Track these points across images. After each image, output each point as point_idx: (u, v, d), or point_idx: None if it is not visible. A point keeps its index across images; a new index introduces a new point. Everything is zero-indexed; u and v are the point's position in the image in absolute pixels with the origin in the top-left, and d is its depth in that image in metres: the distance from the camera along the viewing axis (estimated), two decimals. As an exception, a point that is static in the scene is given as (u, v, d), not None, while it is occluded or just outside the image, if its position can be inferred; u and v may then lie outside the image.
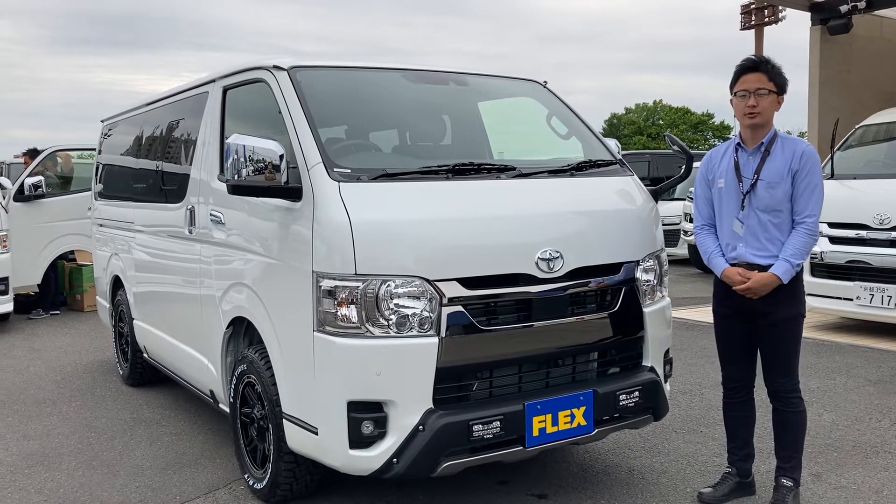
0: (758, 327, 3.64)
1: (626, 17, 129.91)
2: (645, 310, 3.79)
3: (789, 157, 3.52)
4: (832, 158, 8.01)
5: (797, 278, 3.59)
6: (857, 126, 8.56)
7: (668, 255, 4.14)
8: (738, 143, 3.67)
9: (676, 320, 7.58)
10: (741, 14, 51.82)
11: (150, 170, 5.67)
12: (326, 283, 3.23)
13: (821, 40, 12.10)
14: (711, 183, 3.75)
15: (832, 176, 7.88)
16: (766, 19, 50.46)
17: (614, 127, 64.25)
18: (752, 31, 51.15)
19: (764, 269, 3.53)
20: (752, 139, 3.61)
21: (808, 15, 12.37)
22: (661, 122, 64.27)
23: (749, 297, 3.56)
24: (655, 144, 54.17)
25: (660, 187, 4.35)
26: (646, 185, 4.20)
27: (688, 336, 7.67)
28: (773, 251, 3.54)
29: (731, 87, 3.61)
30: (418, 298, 3.24)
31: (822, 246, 7.59)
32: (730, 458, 3.88)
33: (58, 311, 9.95)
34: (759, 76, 3.52)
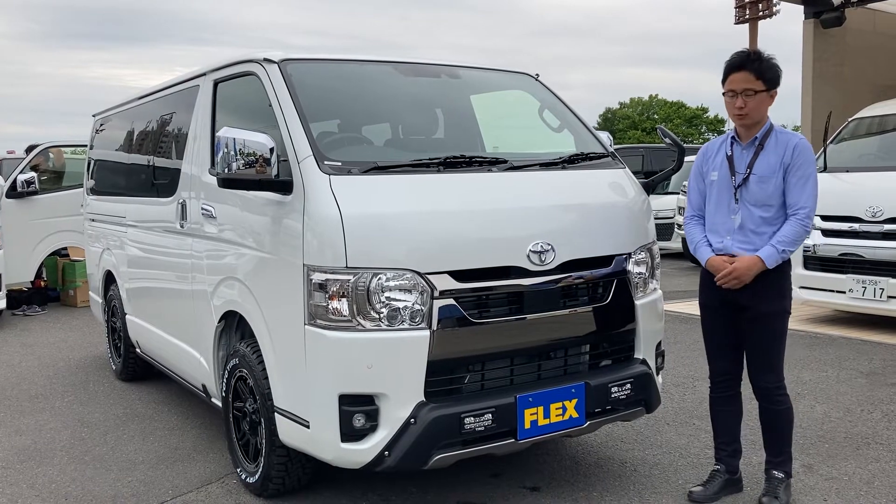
0: (742, 320, 3.64)
1: (622, 11, 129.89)
2: (637, 302, 3.80)
3: (781, 152, 3.51)
4: (825, 151, 8.02)
5: (782, 275, 3.58)
6: (849, 119, 8.58)
7: (662, 249, 4.15)
8: (733, 137, 3.66)
9: (669, 313, 7.60)
10: (735, 7, 51.76)
11: (141, 164, 5.66)
12: (317, 277, 3.23)
13: (814, 34, 12.11)
14: (705, 175, 3.75)
15: (825, 169, 7.90)
16: (761, 13, 50.42)
17: (608, 121, 64.25)
18: (747, 24, 51.16)
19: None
20: (746, 135, 3.60)
21: (801, 8, 12.37)
22: (655, 116, 64.28)
23: (732, 285, 3.54)
24: (650, 139, 54.16)
25: (652, 180, 4.35)
26: (640, 179, 4.20)
27: (681, 329, 7.68)
28: (758, 244, 3.53)
29: (722, 83, 3.59)
30: (409, 291, 3.23)
31: (815, 239, 7.61)
32: (717, 455, 3.87)
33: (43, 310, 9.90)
34: (745, 75, 3.48)
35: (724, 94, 3.58)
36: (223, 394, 4.11)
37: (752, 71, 3.47)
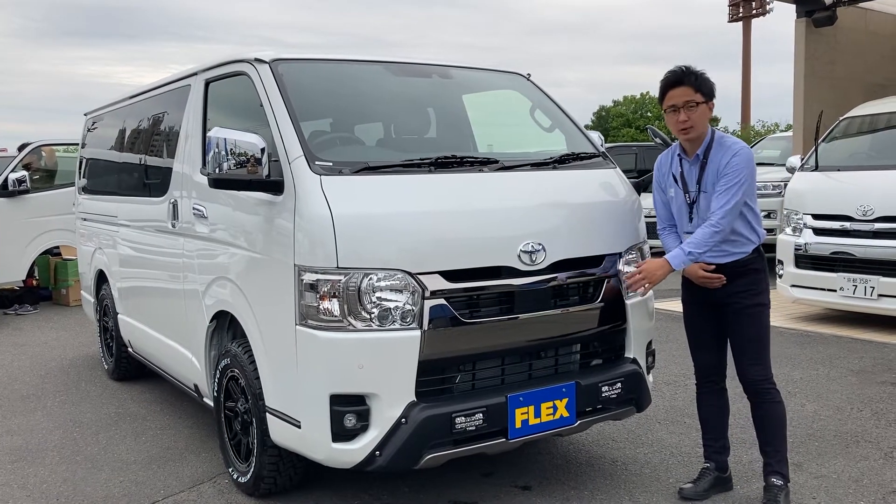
0: (724, 316, 3.67)
1: (617, 10, 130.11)
2: (627, 302, 3.81)
3: (718, 162, 3.53)
4: (816, 150, 8.05)
5: (754, 271, 3.60)
6: (841, 118, 8.61)
7: (653, 248, 4.16)
8: (679, 154, 3.70)
9: (661, 312, 7.62)
10: (729, 6, 52.00)
11: (133, 163, 5.65)
12: (308, 277, 3.23)
13: (806, 32, 12.13)
14: (664, 189, 3.80)
15: (816, 168, 7.94)
16: (754, 11, 50.68)
17: (603, 119, 64.22)
18: (740, 22, 51.38)
19: (723, 267, 3.57)
20: (691, 149, 3.64)
21: (793, 7, 12.40)
22: (649, 114, 64.35)
23: (642, 286, 3.57)
24: (644, 137, 54.20)
25: (643, 179, 4.37)
26: (633, 178, 4.21)
27: (672, 327, 7.69)
28: (728, 249, 3.57)
29: (660, 101, 3.63)
30: (400, 291, 3.24)
31: (807, 237, 7.65)
32: (706, 452, 3.88)
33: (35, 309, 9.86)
34: (684, 90, 3.52)
35: (664, 111, 3.61)
36: (215, 393, 4.11)
37: (691, 85, 3.51)
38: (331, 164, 3.39)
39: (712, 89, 3.58)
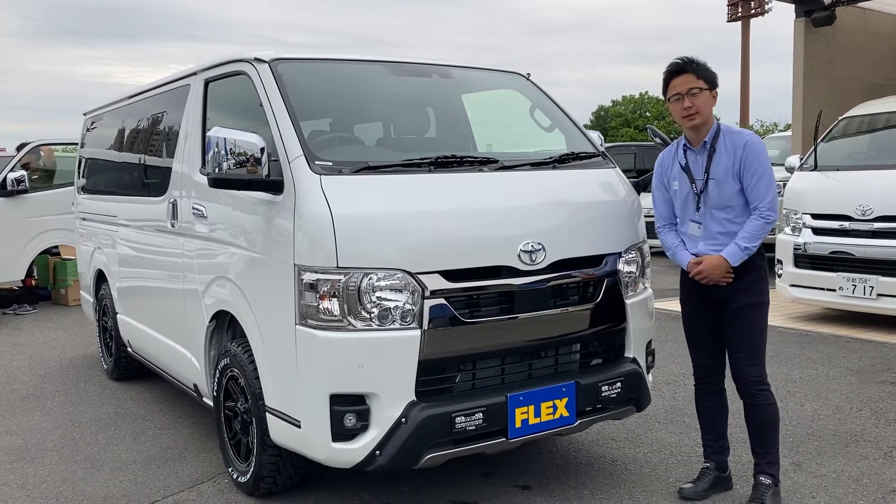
0: (723, 315, 3.67)
1: (616, 10, 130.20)
2: (627, 301, 3.81)
3: (732, 152, 3.54)
4: (815, 150, 8.06)
5: (757, 269, 3.62)
6: (840, 118, 8.61)
7: (653, 248, 4.17)
8: (685, 144, 3.70)
9: (660, 311, 7.63)
10: (728, 5, 52.09)
11: (132, 163, 5.65)
12: (308, 277, 3.23)
13: (805, 32, 12.14)
14: (668, 185, 3.79)
15: (815, 167, 7.94)
16: (753, 11, 50.78)
17: (601, 119, 64.23)
18: (739, 22, 51.46)
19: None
20: (697, 138, 3.64)
21: (792, 7, 12.40)
22: (648, 114, 64.35)
23: (703, 282, 3.59)
24: (643, 137, 54.18)
25: (643, 179, 4.37)
26: (632, 177, 4.21)
27: (672, 327, 7.69)
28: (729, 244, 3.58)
29: (664, 93, 3.64)
30: (400, 291, 3.24)
31: (806, 237, 7.65)
32: (705, 452, 3.89)
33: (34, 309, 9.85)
34: (687, 77, 3.55)
35: (668, 101, 3.63)
36: (214, 393, 4.11)
37: (693, 72, 3.55)
38: (330, 163, 3.39)
39: (714, 78, 3.59)
